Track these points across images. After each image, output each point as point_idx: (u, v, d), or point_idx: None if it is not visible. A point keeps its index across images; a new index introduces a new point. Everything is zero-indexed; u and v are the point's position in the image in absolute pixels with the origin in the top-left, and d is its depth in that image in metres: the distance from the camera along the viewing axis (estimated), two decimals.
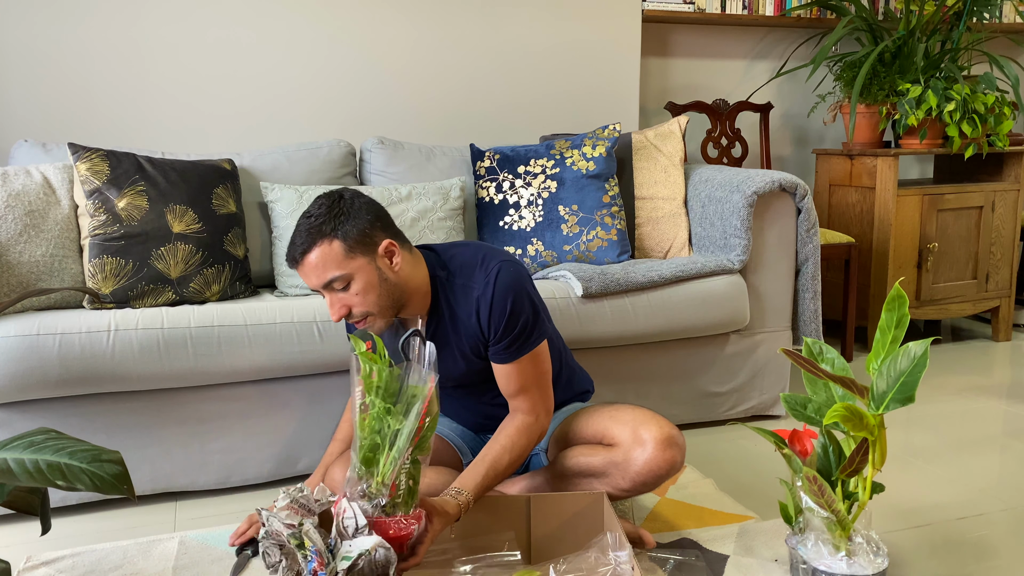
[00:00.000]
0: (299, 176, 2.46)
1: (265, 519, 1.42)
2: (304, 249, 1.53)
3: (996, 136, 3.19)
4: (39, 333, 1.84)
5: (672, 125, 2.69)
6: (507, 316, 1.60)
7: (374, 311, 1.57)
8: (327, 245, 1.52)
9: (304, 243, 1.53)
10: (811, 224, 2.47)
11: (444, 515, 1.48)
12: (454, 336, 1.68)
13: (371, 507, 1.37)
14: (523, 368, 1.64)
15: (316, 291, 1.59)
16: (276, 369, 2.01)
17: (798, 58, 3.65)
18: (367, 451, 1.36)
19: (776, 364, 2.51)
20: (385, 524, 1.37)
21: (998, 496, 2.00)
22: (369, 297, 1.56)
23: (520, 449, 1.63)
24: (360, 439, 1.38)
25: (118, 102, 2.68)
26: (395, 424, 1.34)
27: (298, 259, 1.55)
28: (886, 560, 1.48)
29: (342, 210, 1.55)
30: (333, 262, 1.53)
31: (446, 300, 1.67)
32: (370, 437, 1.35)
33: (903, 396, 1.40)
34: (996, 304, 3.43)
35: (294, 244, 1.55)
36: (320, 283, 1.55)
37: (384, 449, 1.35)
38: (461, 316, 1.65)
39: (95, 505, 1.98)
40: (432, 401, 1.40)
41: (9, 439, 1.30)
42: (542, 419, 1.67)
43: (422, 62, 2.97)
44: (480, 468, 1.58)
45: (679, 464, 1.65)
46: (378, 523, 1.37)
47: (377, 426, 1.36)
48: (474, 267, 1.65)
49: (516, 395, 1.66)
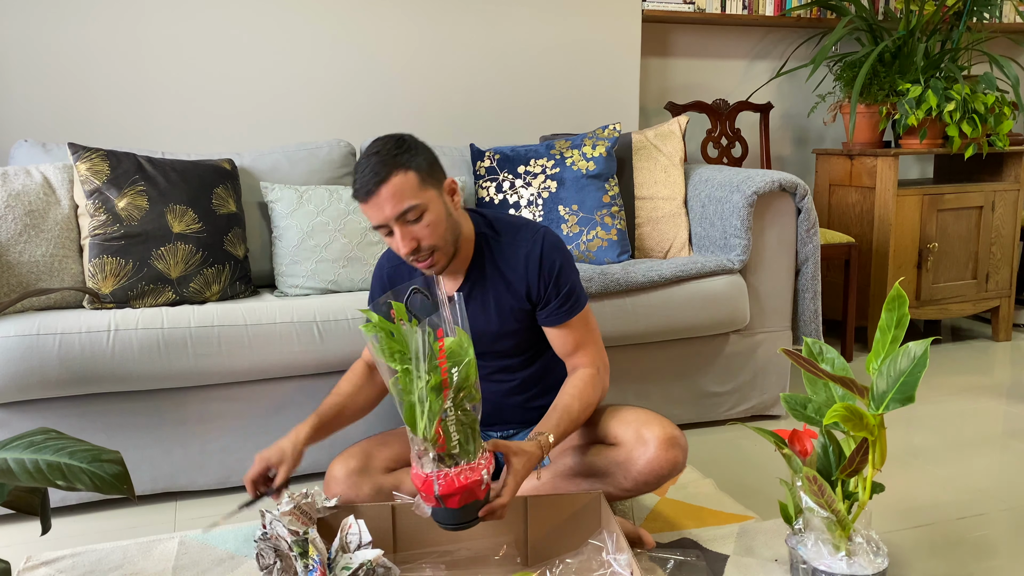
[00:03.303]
0: (299, 176, 2.46)
1: (268, 521, 1.42)
2: (380, 179, 1.53)
3: (996, 136, 3.19)
4: (39, 333, 1.84)
5: (672, 125, 2.69)
6: (557, 273, 1.66)
7: (440, 245, 1.59)
8: (403, 175, 1.53)
9: (379, 174, 1.53)
10: (811, 224, 2.47)
11: (523, 454, 1.47)
12: (493, 293, 1.70)
13: (431, 463, 1.37)
14: (576, 327, 1.70)
15: (380, 227, 1.57)
16: (276, 369, 2.01)
17: (798, 58, 3.65)
18: (407, 414, 1.37)
19: (776, 364, 2.51)
20: (449, 476, 1.37)
21: (998, 496, 2.00)
22: (438, 230, 1.58)
23: (587, 398, 1.65)
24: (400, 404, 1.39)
25: (118, 102, 2.68)
26: (420, 383, 1.35)
27: (373, 190, 1.53)
28: (886, 560, 1.48)
29: (410, 145, 1.58)
30: (409, 191, 1.54)
31: (491, 258, 1.70)
32: (405, 400, 1.37)
33: (903, 396, 1.40)
34: (996, 304, 3.43)
35: (365, 177, 1.54)
36: (395, 213, 1.54)
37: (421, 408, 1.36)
38: (507, 274, 1.69)
39: (95, 505, 1.98)
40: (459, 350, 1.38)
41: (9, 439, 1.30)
42: (603, 373, 1.71)
43: (422, 62, 2.97)
44: (553, 415, 1.60)
45: (681, 464, 1.65)
46: (441, 477, 1.36)
47: (408, 388, 1.37)
48: (519, 228, 1.71)
49: (573, 353, 1.71)
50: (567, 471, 1.72)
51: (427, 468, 1.36)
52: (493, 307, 1.71)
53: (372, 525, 1.51)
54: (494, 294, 1.71)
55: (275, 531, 1.40)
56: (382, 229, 1.58)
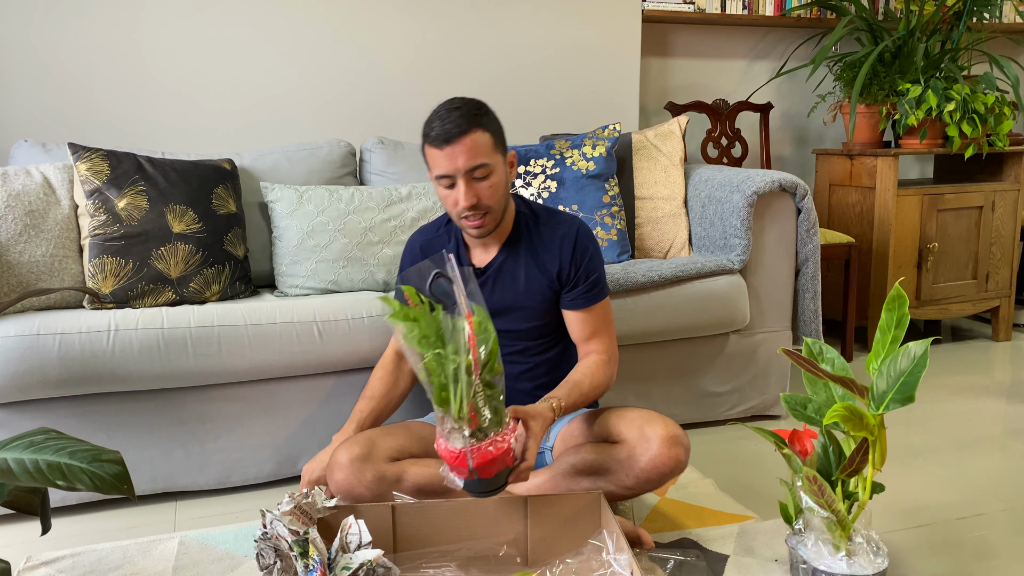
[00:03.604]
0: (299, 176, 2.46)
1: (268, 521, 1.42)
2: (461, 131, 1.60)
3: (996, 136, 3.19)
4: (39, 333, 1.84)
5: (672, 125, 2.69)
6: (588, 258, 1.77)
7: (494, 208, 1.67)
8: (480, 133, 1.62)
9: (461, 127, 1.60)
10: (811, 224, 2.47)
11: (539, 416, 1.54)
12: (524, 268, 1.78)
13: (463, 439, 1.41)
14: (596, 315, 1.78)
15: (444, 176, 1.63)
16: (276, 369, 2.01)
17: (798, 58, 3.65)
18: (439, 394, 1.40)
19: (776, 364, 2.51)
20: (482, 449, 1.41)
21: (998, 496, 2.00)
22: (497, 193, 1.66)
23: (597, 380, 1.73)
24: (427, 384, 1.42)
25: (118, 102, 2.68)
26: (451, 364, 1.38)
27: (453, 140, 1.60)
28: (886, 560, 1.48)
29: (488, 110, 1.68)
30: (484, 149, 1.63)
31: (527, 235, 1.78)
32: (436, 381, 1.40)
33: (903, 396, 1.40)
34: (996, 304, 3.43)
35: (447, 126, 1.60)
36: (467, 166, 1.61)
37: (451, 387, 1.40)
38: (540, 252, 1.77)
39: (95, 505, 1.98)
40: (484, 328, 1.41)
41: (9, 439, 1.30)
42: (613, 363, 1.79)
43: (422, 62, 2.97)
44: (564, 387, 1.67)
45: (684, 463, 1.66)
46: (474, 451, 1.41)
47: (438, 370, 1.40)
48: (556, 214, 1.83)
49: (589, 339, 1.79)
50: (569, 469, 1.73)
51: (459, 444, 1.40)
52: (523, 281, 1.78)
53: (372, 525, 1.51)
54: (525, 269, 1.78)
55: (275, 531, 1.40)
56: (444, 179, 1.64)
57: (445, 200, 1.69)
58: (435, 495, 1.68)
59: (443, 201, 1.71)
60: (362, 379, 2.10)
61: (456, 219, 1.71)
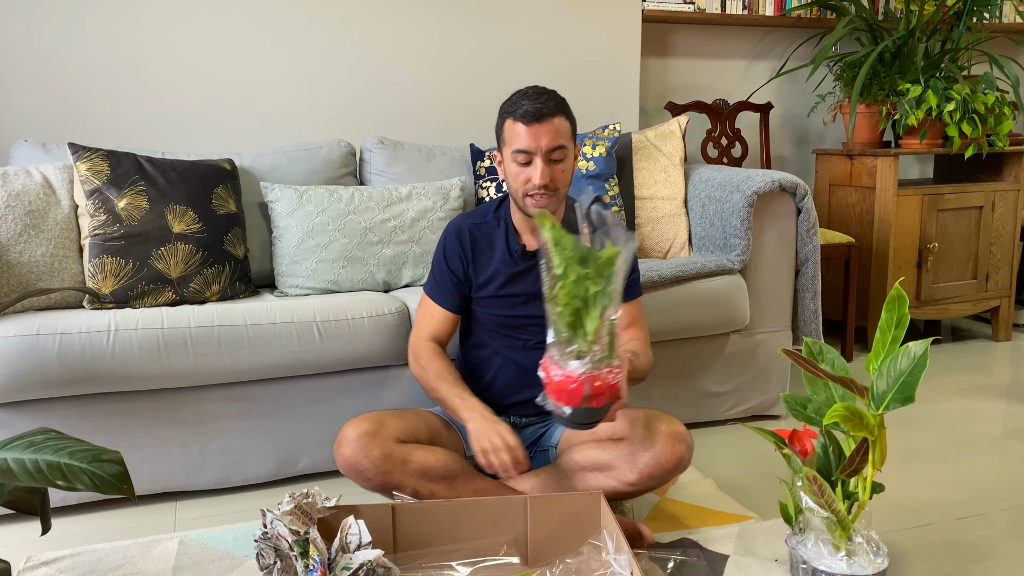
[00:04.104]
0: (299, 176, 2.46)
1: (269, 521, 1.42)
2: (549, 112, 1.68)
3: (996, 136, 3.19)
4: (39, 333, 1.84)
5: (672, 125, 2.69)
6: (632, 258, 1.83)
7: (562, 191, 1.75)
8: (564, 120, 1.71)
9: (549, 107, 1.69)
10: (811, 224, 2.47)
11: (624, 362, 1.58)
12: None
13: (582, 365, 1.45)
14: (634, 308, 1.88)
15: (523, 152, 1.68)
16: (276, 369, 2.01)
17: (798, 58, 3.65)
18: (570, 317, 1.44)
19: (776, 364, 2.51)
20: (599, 376, 1.46)
21: (998, 496, 2.00)
22: (566, 177, 1.75)
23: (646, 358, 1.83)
24: (560, 307, 1.45)
25: (118, 102, 2.68)
26: (593, 287, 1.43)
27: (542, 118, 1.67)
28: (886, 560, 1.48)
29: (567, 103, 1.76)
30: (566, 134, 1.72)
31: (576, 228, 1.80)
32: (571, 303, 1.43)
33: (903, 396, 1.40)
34: (996, 304, 3.43)
35: (537, 105, 1.67)
36: (550, 146, 1.69)
37: (587, 311, 1.44)
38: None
39: (95, 505, 1.98)
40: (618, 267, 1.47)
41: (9, 439, 1.30)
42: (648, 350, 1.87)
43: (422, 62, 2.97)
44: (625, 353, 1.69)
45: (686, 461, 1.67)
46: (591, 378, 1.45)
47: (576, 291, 1.43)
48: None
49: (627, 328, 1.87)
50: (573, 466, 1.74)
51: (579, 370, 1.44)
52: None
53: (372, 525, 1.51)
54: None
55: (275, 530, 1.40)
56: (522, 155, 1.70)
57: (515, 176, 1.73)
58: (438, 481, 1.69)
59: (511, 178, 1.74)
60: (362, 379, 2.10)
61: (520, 196, 1.74)
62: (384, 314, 2.09)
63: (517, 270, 1.83)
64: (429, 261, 2.34)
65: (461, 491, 1.71)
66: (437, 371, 1.81)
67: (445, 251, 1.88)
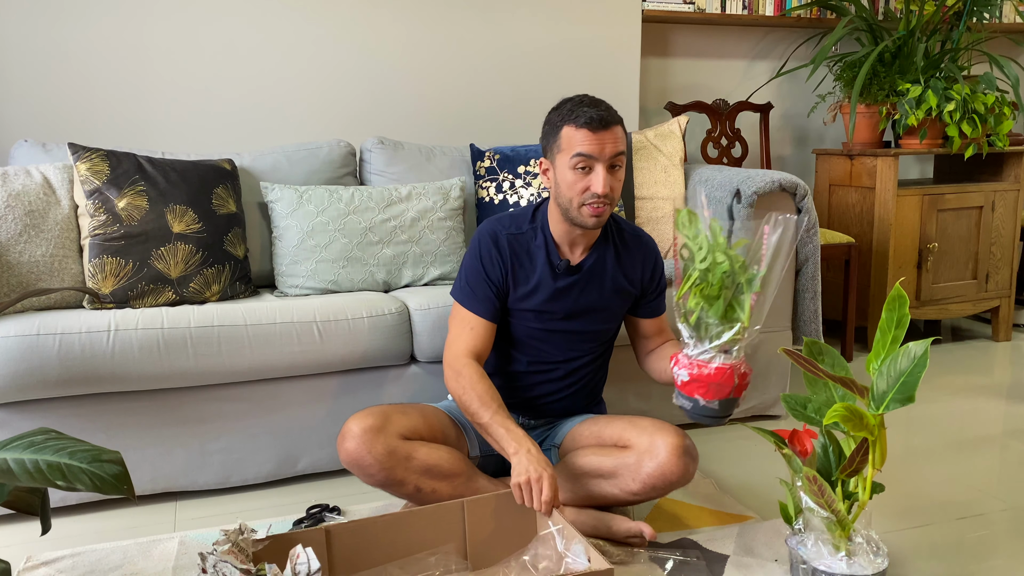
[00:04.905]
0: (299, 176, 2.46)
1: (211, 564, 1.34)
2: (613, 119, 1.69)
3: (996, 136, 3.19)
4: (39, 333, 1.84)
5: (672, 125, 2.69)
6: (662, 275, 1.91)
7: (616, 201, 1.73)
8: (622, 129, 1.72)
9: (612, 115, 1.69)
10: (811, 224, 2.47)
11: None
12: (611, 270, 1.84)
13: (733, 355, 1.51)
14: (663, 320, 1.95)
15: (584, 157, 1.66)
16: (276, 369, 2.01)
17: (798, 58, 3.65)
18: (718, 309, 1.48)
19: (776, 364, 2.51)
20: (744, 368, 1.52)
21: (998, 496, 2.00)
22: (619, 188, 1.73)
23: None
24: (708, 300, 1.49)
25: (118, 102, 2.68)
26: (741, 275, 1.48)
27: (608, 125, 1.67)
28: (886, 560, 1.48)
29: None
30: (624, 143, 1.72)
31: (613, 240, 1.86)
32: (722, 294, 1.48)
33: (903, 396, 1.40)
34: (996, 304, 3.43)
35: (601, 113, 1.67)
36: (614, 152, 1.68)
37: (738, 299, 1.49)
38: (624, 258, 1.86)
39: (95, 505, 1.98)
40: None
41: (9, 439, 1.30)
42: None
43: (422, 62, 2.97)
44: None
45: (691, 474, 1.67)
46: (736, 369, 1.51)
47: (727, 282, 1.48)
48: (638, 228, 1.94)
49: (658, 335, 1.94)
50: (576, 470, 1.73)
51: (724, 359, 1.50)
52: (609, 282, 1.83)
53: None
54: (612, 272, 1.84)
55: (220, 572, 1.31)
56: (582, 159, 1.67)
57: (571, 185, 1.68)
58: (441, 478, 1.68)
59: (567, 187, 1.69)
60: (362, 379, 2.10)
61: (575, 205, 1.69)
62: (384, 314, 2.09)
63: (561, 285, 1.79)
64: (429, 261, 2.34)
65: (463, 489, 1.70)
66: (480, 395, 1.67)
67: (482, 258, 1.79)
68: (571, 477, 1.74)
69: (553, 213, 1.79)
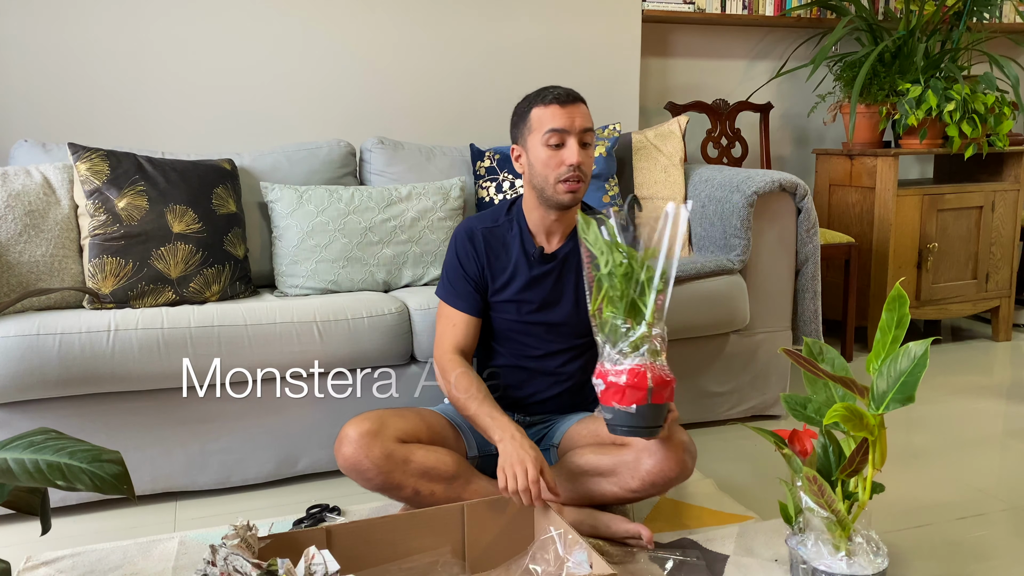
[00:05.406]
0: (299, 176, 2.46)
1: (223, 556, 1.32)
2: (578, 98, 1.74)
3: (996, 136, 3.19)
4: (39, 333, 1.84)
5: (672, 125, 2.69)
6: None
7: (588, 179, 1.76)
8: (587, 109, 1.76)
9: (576, 94, 1.75)
10: (811, 224, 2.47)
11: None
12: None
13: (642, 355, 1.48)
14: None
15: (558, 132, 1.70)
16: (276, 369, 2.01)
17: (798, 58, 3.65)
18: (627, 309, 1.49)
19: (776, 364, 2.51)
20: (661, 370, 1.50)
21: (998, 496, 2.00)
22: (590, 163, 1.77)
23: None
24: (613, 302, 1.50)
25: (118, 102, 2.68)
26: (642, 272, 1.51)
27: (575, 101, 1.73)
28: (886, 560, 1.48)
29: None
30: (591, 121, 1.76)
31: None
32: (625, 296, 1.48)
33: (903, 396, 1.40)
34: (996, 304, 3.43)
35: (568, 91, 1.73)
36: (583, 126, 1.72)
37: (642, 298, 1.50)
38: None
39: (95, 505, 1.98)
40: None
41: (9, 439, 1.30)
42: None
43: (422, 62, 2.97)
44: None
45: (689, 470, 1.67)
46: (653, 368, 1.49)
47: (626, 285, 1.49)
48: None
49: None
50: (575, 469, 1.73)
51: (636, 361, 1.46)
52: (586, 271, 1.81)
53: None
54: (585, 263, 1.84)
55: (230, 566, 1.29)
56: (556, 135, 1.71)
57: (546, 163, 1.72)
58: (439, 481, 1.68)
59: (541, 165, 1.73)
60: (362, 379, 2.10)
61: (552, 183, 1.73)
62: (384, 314, 2.09)
63: (536, 273, 1.82)
64: (429, 261, 2.34)
65: (461, 491, 1.70)
66: (466, 387, 1.73)
67: (458, 254, 1.84)
68: (570, 476, 1.74)
69: (528, 200, 1.82)
